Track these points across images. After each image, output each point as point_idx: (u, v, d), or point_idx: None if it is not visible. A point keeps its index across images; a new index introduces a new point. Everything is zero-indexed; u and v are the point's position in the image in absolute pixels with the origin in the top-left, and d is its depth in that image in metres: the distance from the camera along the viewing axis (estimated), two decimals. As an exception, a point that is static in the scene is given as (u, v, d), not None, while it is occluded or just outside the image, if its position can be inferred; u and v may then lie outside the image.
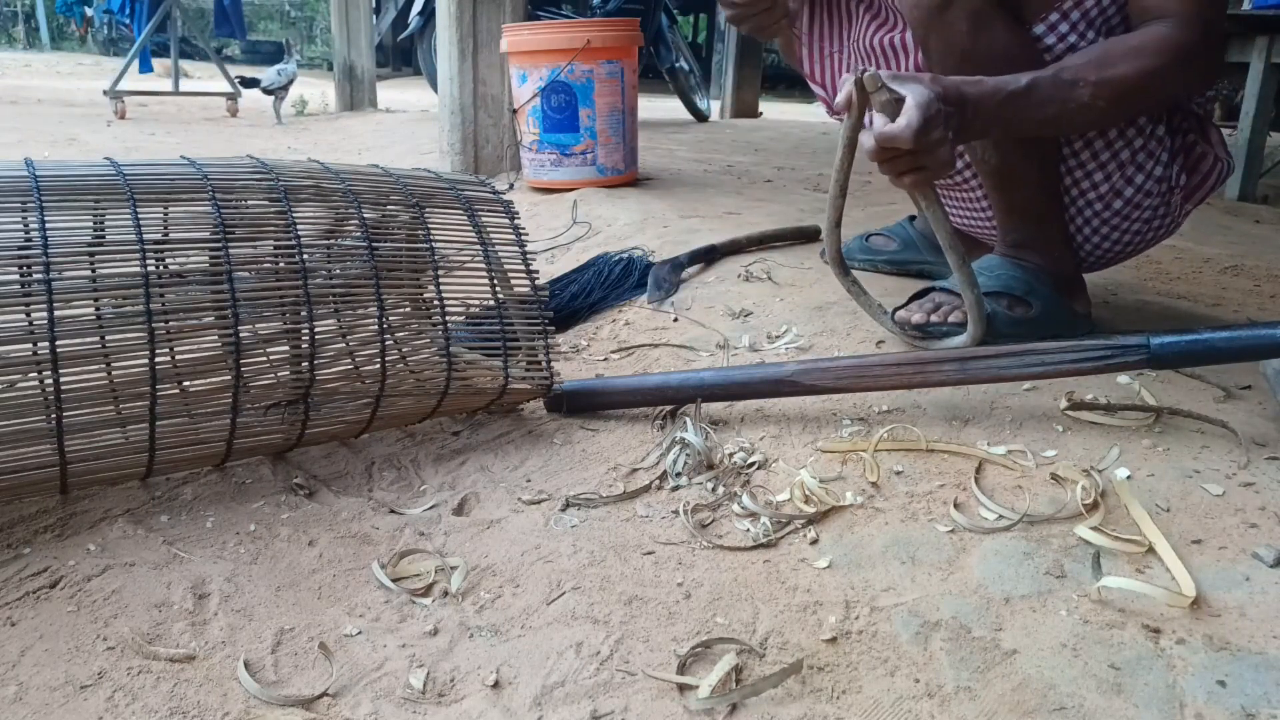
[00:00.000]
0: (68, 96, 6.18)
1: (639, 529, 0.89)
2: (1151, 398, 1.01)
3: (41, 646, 0.71)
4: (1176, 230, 1.24)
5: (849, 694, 0.67)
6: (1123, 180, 1.15)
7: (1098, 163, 1.14)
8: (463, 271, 1.06)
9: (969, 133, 0.99)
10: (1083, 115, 1.02)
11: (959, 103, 0.96)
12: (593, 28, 2.32)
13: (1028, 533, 0.81)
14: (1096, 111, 1.01)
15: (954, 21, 1.05)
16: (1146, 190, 1.16)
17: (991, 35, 1.05)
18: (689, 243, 1.72)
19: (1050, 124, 1.04)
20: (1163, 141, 1.15)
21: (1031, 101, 0.99)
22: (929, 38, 1.08)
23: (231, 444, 0.92)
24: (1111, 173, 1.14)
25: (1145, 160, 1.14)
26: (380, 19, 8.53)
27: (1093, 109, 1.00)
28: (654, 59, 4.90)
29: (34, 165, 0.87)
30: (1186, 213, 1.22)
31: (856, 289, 1.18)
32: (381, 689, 0.68)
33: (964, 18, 1.04)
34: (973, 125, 0.98)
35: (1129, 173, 1.14)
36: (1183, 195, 1.19)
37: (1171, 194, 1.18)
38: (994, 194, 1.19)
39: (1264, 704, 0.62)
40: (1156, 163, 1.15)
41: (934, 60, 1.09)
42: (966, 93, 0.97)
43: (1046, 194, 1.17)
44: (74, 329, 0.82)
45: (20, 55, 11.78)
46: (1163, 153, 1.15)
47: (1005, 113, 0.99)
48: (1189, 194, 1.19)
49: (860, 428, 1.02)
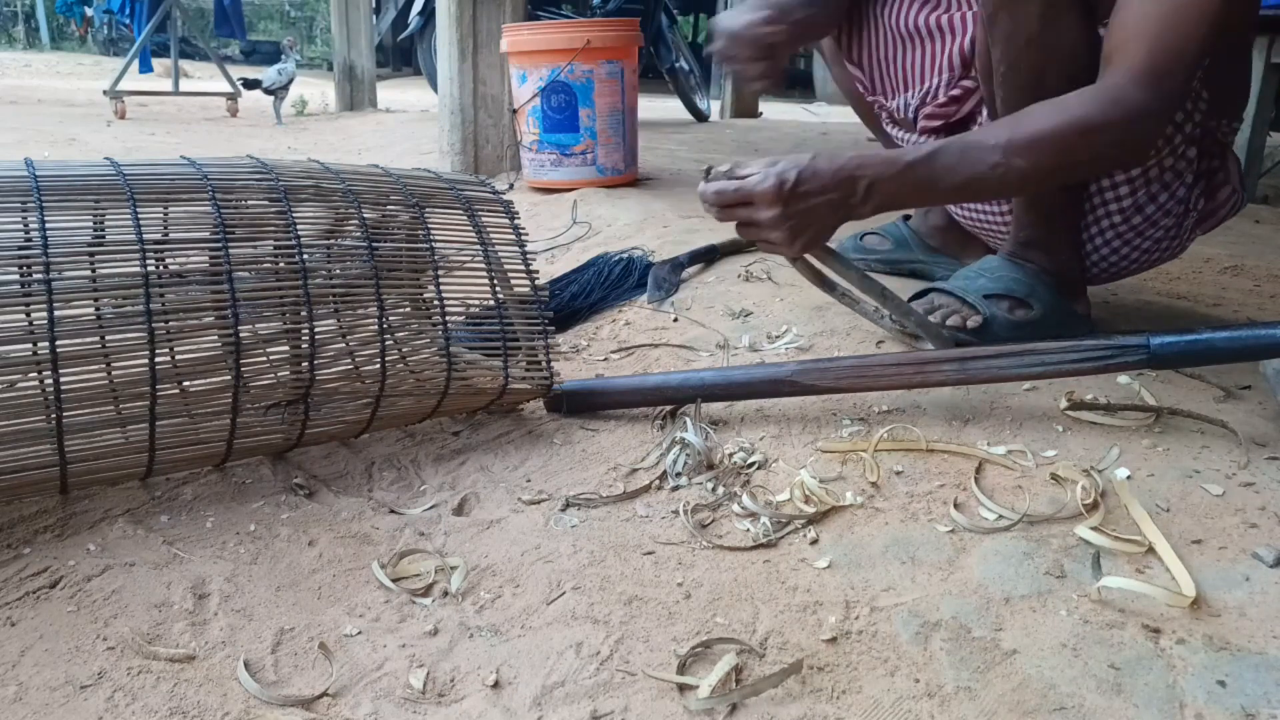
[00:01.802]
0: (68, 96, 6.19)
1: (639, 529, 0.89)
2: (1151, 398, 1.01)
3: (41, 646, 0.71)
4: (1181, 254, 1.24)
5: (849, 694, 0.67)
6: (1146, 196, 1.14)
7: (1126, 175, 1.13)
8: (463, 271, 1.06)
9: (866, 209, 0.97)
10: (1004, 179, 0.95)
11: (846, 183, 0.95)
12: (593, 28, 2.33)
13: (1028, 533, 0.81)
14: (1017, 173, 0.94)
15: (1029, 6, 1.01)
16: (1167, 209, 1.15)
17: (1061, 26, 1.02)
18: (689, 243, 1.72)
19: (969, 190, 1.01)
20: (1192, 164, 1.14)
21: (937, 168, 0.95)
22: (998, 16, 1.04)
23: (231, 444, 0.92)
24: (1138, 187, 1.13)
25: (1172, 180, 1.13)
26: (380, 19, 8.53)
27: (1011, 170, 0.94)
28: (654, 59, 4.90)
29: (34, 165, 0.87)
30: (1194, 237, 1.21)
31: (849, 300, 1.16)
32: (381, 689, 0.68)
33: (1040, 3, 1.01)
34: (870, 201, 0.96)
35: (1154, 190, 1.13)
36: (1196, 220, 1.18)
37: (1187, 216, 1.17)
38: None
39: (1264, 704, 0.62)
40: (1181, 183, 1.13)
41: (997, 41, 1.06)
42: (858, 174, 0.95)
43: (1070, 194, 1.16)
44: (74, 329, 0.82)
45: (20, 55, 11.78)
46: (1189, 174, 1.14)
47: (908, 184, 0.96)
48: (1201, 219, 1.18)
49: (860, 428, 1.02)
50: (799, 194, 0.95)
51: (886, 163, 0.96)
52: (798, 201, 0.95)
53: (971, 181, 0.96)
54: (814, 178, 0.95)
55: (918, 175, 0.96)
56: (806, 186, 0.95)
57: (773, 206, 0.95)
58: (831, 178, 0.95)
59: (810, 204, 0.95)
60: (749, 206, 0.97)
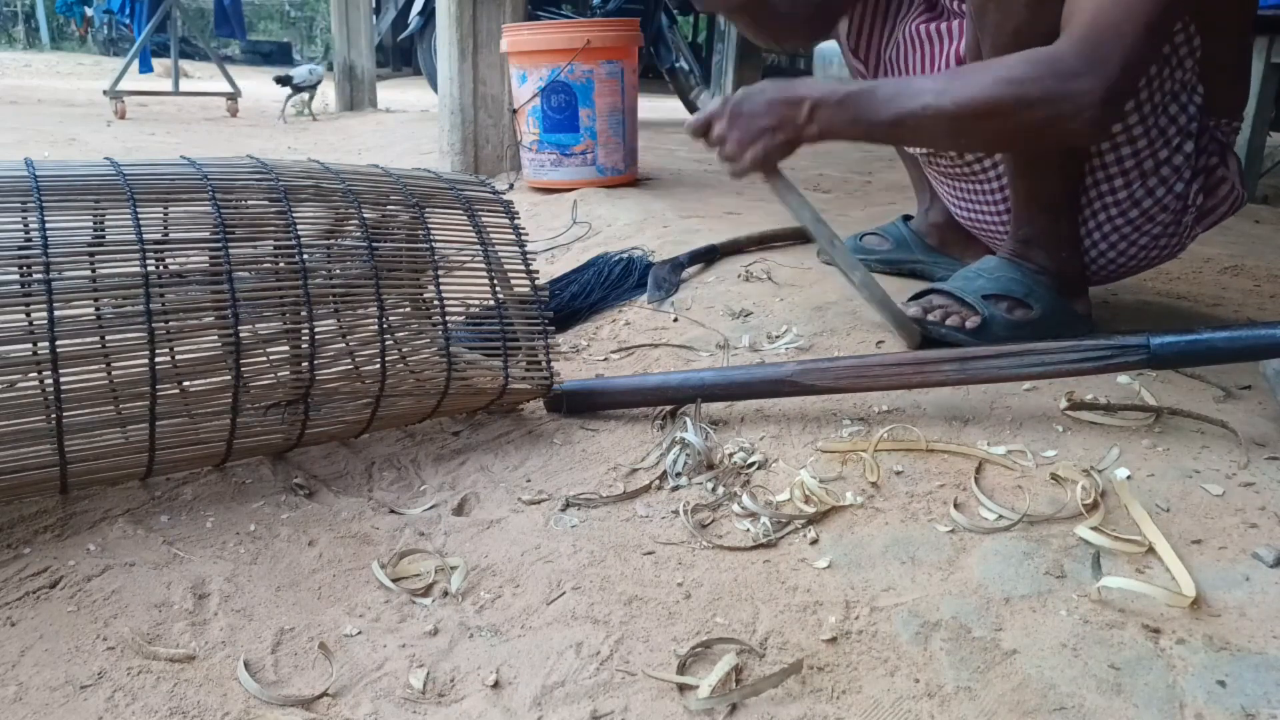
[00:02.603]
0: (68, 96, 6.19)
1: (639, 529, 0.89)
2: (1151, 398, 1.01)
3: (41, 646, 0.71)
4: (1182, 252, 1.23)
5: (849, 694, 0.67)
6: (1143, 190, 1.14)
7: (1121, 169, 1.13)
8: (463, 271, 1.06)
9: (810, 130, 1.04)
10: (936, 124, 0.98)
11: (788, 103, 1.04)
12: (593, 28, 2.33)
13: (1028, 533, 0.81)
14: (948, 119, 0.97)
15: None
16: (1164, 205, 1.15)
17: (1048, 15, 1.01)
18: (689, 243, 1.72)
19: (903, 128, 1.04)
20: (1189, 159, 1.14)
21: (876, 100, 1.00)
22: (987, 7, 1.06)
23: (231, 444, 0.92)
24: (1133, 180, 1.13)
25: (1169, 174, 1.13)
26: (380, 19, 8.53)
27: (941, 116, 0.97)
28: (654, 59, 4.90)
29: (34, 165, 0.87)
30: (1194, 236, 1.21)
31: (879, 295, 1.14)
32: (381, 689, 0.68)
33: None
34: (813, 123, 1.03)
35: (1150, 184, 1.13)
36: (1195, 217, 1.18)
37: (1185, 213, 1.17)
38: (1017, 180, 1.19)
39: (1264, 704, 0.62)
40: (1179, 179, 1.13)
41: (987, 33, 1.07)
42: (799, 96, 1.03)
43: (1068, 188, 1.16)
44: (74, 329, 0.82)
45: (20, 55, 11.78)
46: (1186, 169, 1.14)
47: (847, 111, 1.02)
48: (1201, 217, 1.18)
49: (860, 428, 1.02)
50: (743, 111, 1.07)
51: (829, 90, 1.03)
52: (742, 118, 1.06)
53: (905, 118, 1.00)
54: (758, 95, 1.07)
55: (857, 103, 1.02)
56: (750, 104, 1.06)
57: (721, 121, 1.08)
58: (774, 95, 1.05)
59: (756, 122, 1.06)
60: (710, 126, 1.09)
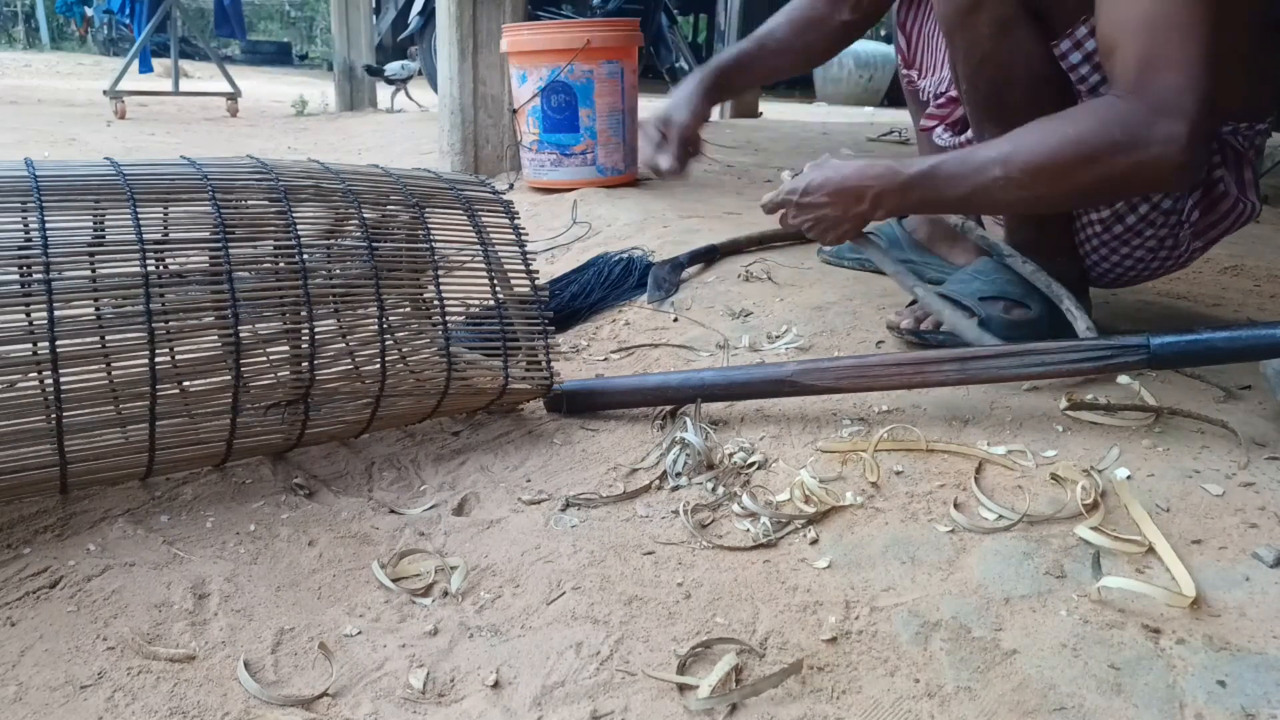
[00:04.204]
0: (68, 96, 6.19)
1: (639, 529, 0.89)
2: (1151, 398, 1.01)
3: (41, 646, 0.71)
4: (1187, 265, 1.22)
5: (849, 694, 0.67)
6: (1126, 207, 1.13)
7: None
8: (463, 271, 1.06)
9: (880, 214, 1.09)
10: (1006, 193, 0.98)
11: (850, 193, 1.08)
12: (593, 28, 2.32)
13: (1028, 533, 0.81)
14: (1017, 187, 0.96)
15: (979, 25, 1.04)
16: (1150, 220, 1.13)
17: (1014, 42, 1.04)
18: (689, 243, 1.72)
19: (974, 203, 1.07)
20: None
21: (939, 180, 1.01)
22: (954, 36, 1.08)
23: (231, 444, 0.92)
24: None
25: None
26: (380, 19, 8.53)
27: (1010, 184, 0.96)
28: (654, 59, 4.90)
29: (34, 165, 0.87)
30: (1198, 249, 1.18)
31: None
32: (381, 689, 0.68)
33: (989, 22, 1.03)
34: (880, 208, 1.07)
35: (1133, 200, 1.12)
36: (1194, 233, 1.15)
37: (1180, 228, 1.14)
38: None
39: (1264, 704, 0.62)
40: (1165, 195, 1.12)
41: (957, 60, 1.10)
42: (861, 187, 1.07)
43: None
44: (74, 329, 0.82)
45: (20, 55, 11.78)
46: None
47: (911, 197, 1.05)
48: (1201, 232, 1.15)
49: (860, 428, 1.02)
50: (806, 204, 1.12)
51: (890, 176, 1.05)
52: (809, 210, 1.12)
53: (973, 194, 1.01)
54: (820, 185, 1.10)
55: (922, 188, 1.04)
56: (812, 197, 1.11)
57: (790, 210, 1.15)
58: (837, 184, 1.09)
59: (821, 211, 1.11)
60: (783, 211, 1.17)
